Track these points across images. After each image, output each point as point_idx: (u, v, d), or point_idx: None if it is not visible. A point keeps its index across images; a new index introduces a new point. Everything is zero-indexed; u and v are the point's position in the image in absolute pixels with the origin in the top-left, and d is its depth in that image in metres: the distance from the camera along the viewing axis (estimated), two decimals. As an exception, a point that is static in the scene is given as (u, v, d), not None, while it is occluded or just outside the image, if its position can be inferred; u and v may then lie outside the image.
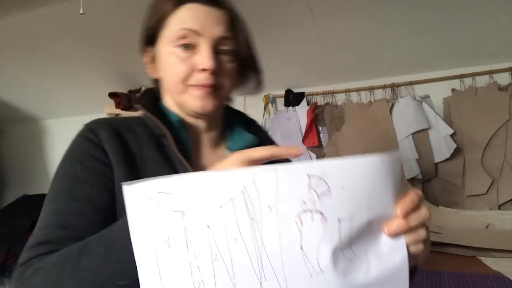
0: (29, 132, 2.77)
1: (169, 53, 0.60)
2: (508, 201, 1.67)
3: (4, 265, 2.01)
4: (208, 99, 0.60)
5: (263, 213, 0.40)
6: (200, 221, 0.40)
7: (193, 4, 0.59)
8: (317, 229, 0.41)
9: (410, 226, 0.43)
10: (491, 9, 1.58)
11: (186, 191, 0.40)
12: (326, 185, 0.40)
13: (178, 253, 0.40)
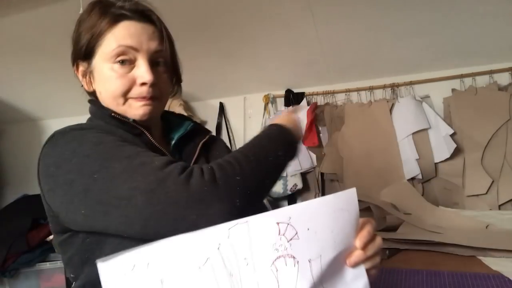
0: (29, 132, 2.77)
1: (107, 68, 0.63)
2: (508, 201, 1.67)
3: (4, 265, 2.01)
4: (148, 108, 0.64)
5: (240, 267, 0.42)
6: (180, 285, 0.41)
7: (128, 21, 0.63)
8: (291, 273, 0.43)
9: (368, 256, 0.49)
10: (491, 9, 1.58)
11: (163, 257, 0.41)
12: (294, 230, 0.43)
13: None
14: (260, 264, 0.42)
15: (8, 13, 1.74)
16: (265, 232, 0.43)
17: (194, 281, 0.41)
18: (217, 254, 0.41)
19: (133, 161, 0.51)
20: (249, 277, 0.42)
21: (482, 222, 1.50)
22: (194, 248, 0.41)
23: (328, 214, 0.45)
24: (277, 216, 0.43)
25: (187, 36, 1.85)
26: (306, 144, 2.09)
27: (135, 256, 0.41)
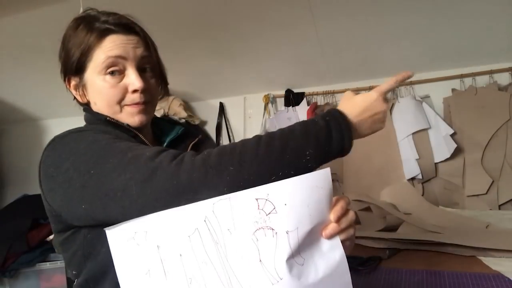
0: (29, 132, 2.77)
1: (100, 80, 0.67)
2: (508, 201, 1.67)
3: (4, 265, 2.01)
4: (142, 114, 0.69)
5: (224, 236, 0.48)
6: (173, 251, 0.47)
7: (114, 35, 0.67)
8: (270, 243, 0.48)
9: (342, 228, 0.53)
10: (491, 9, 1.58)
11: (159, 227, 0.47)
12: (272, 205, 0.48)
13: (158, 282, 0.47)
14: (242, 234, 0.48)
15: (8, 13, 1.74)
16: (245, 206, 0.48)
17: (185, 247, 0.47)
18: (204, 225, 0.47)
19: (127, 155, 0.54)
20: (232, 245, 0.48)
21: (482, 222, 1.50)
22: (184, 219, 0.47)
23: (304, 191, 0.50)
24: (256, 193, 0.48)
25: (187, 36, 1.85)
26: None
27: (135, 225, 0.47)
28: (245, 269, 0.48)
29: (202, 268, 0.47)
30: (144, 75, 0.69)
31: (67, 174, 0.57)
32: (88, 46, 0.67)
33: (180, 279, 0.47)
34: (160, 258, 0.47)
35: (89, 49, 0.67)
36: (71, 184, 0.56)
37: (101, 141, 0.58)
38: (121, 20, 0.70)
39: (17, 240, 2.06)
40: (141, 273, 0.47)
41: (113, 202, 0.51)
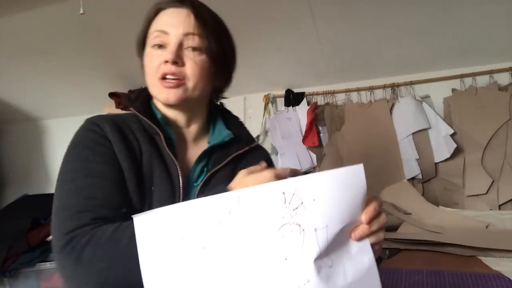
0: (29, 132, 2.77)
1: (148, 54, 0.70)
2: (508, 201, 1.67)
3: (4, 265, 2.01)
4: (172, 91, 0.67)
5: (250, 231, 0.45)
6: (197, 243, 0.46)
7: (167, 9, 0.69)
8: (297, 240, 0.45)
9: (373, 231, 0.50)
10: (491, 9, 1.58)
11: (183, 218, 0.46)
12: (299, 199, 0.45)
13: (180, 273, 0.45)
14: (267, 229, 0.45)
15: (8, 13, 1.73)
16: (271, 200, 0.45)
17: (209, 240, 0.45)
18: (228, 217, 0.45)
19: (59, 212, 0.58)
20: (257, 240, 0.45)
21: (482, 222, 1.50)
22: (209, 211, 0.46)
23: (335, 187, 0.46)
24: (283, 186, 0.46)
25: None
26: (306, 144, 2.09)
27: (161, 215, 0.46)
28: (269, 267, 0.45)
29: (225, 262, 0.45)
30: (186, 51, 0.67)
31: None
32: (147, 23, 0.71)
33: (202, 273, 0.45)
34: (183, 249, 0.45)
35: (147, 25, 0.71)
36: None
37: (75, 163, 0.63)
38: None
39: (17, 240, 2.05)
40: (164, 263, 0.45)
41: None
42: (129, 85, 2.30)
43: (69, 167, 0.62)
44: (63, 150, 0.64)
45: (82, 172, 0.61)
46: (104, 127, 0.66)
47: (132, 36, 0.77)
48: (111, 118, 0.69)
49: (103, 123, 0.66)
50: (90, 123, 0.67)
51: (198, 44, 0.67)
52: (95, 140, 0.64)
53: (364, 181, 0.47)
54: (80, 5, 1.41)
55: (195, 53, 0.68)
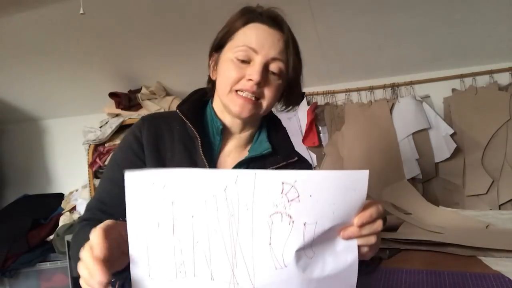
0: (29, 132, 2.77)
1: (228, 59, 0.71)
2: (508, 201, 1.67)
3: (4, 265, 2.01)
4: (247, 107, 0.70)
5: (240, 210, 0.47)
6: (187, 211, 0.47)
7: (258, 24, 0.71)
8: (285, 229, 0.47)
9: (362, 234, 0.51)
10: (491, 9, 1.58)
11: (177, 184, 0.46)
12: (296, 193, 0.46)
13: (165, 236, 0.46)
14: (258, 213, 0.47)
15: (8, 13, 1.74)
16: (269, 187, 0.46)
17: (199, 210, 0.47)
18: (223, 194, 0.46)
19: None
20: (246, 222, 0.47)
21: (482, 222, 1.50)
22: (204, 183, 0.46)
23: (334, 188, 0.47)
24: (283, 176, 0.46)
25: (188, 36, 1.85)
26: (306, 144, 2.09)
27: (155, 175, 0.46)
28: (253, 247, 0.47)
29: (210, 234, 0.47)
30: (268, 74, 0.70)
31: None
32: (234, 28, 0.72)
33: (187, 239, 0.47)
34: (172, 214, 0.47)
35: (234, 30, 0.72)
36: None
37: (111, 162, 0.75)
38: (271, 12, 0.73)
39: (17, 240, 2.06)
40: (151, 223, 0.46)
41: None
42: (129, 85, 2.30)
43: (109, 163, 0.75)
44: (63, 150, 0.65)
45: (109, 173, 0.73)
46: (143, 129, 0.73)
47: (132, 36, 0.77)
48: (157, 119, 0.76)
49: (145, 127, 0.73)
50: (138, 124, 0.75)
51: (280, 70, 0.71)
52: (130, 145, 0.72)
53: (365, 187, 0.48)
54: (80, 5, 1.41)
55: (274, 77, 0.71)
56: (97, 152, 2.12)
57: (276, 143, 0.79)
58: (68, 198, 2.40)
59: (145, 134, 0.72)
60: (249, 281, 0.48)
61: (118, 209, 0.62)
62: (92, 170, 2.12)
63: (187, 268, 0.47)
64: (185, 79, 2.13)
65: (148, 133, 0.72)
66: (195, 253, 0.47)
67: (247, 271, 0.48)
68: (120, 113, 2.22)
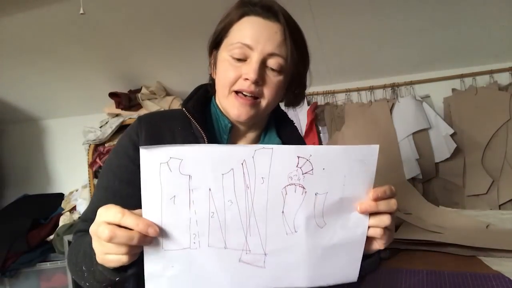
0: (29, 132, 2.77)
1: (224, 59, 0.67)
2: (508, 201, 1.67)
3: (4, 265, 2.01)
4: (245, 109, 0.66)
5: (257, 182, 0.49)
6: (204, 184, 0.48)
7: (253, 17, 0.65)
8: (297, 199, 0.51)
9: (378, 209, 0.53)
10: (491, 9, 1.58)
11: (195, 158, 0.48)
12: (311, 166, 0.50)
13: (181, 209, 0.48)
14: (273, 185, 0.50)
15: (8, 13, 1.74)
16: (285, 161, 0.49)
17: (216, 183, 0.48)
18: (240, 167, 0.49)
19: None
20: (261, 192, 0.50)
21: (482, 222, 1.50)
22: (223, 157, 0.48)
23: (346, 161, 0.51)
24: (299, 151, 0.50)
25: (188, 36, 1.85)
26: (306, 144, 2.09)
27: (172, 151, 0.47)
28: (266, 215, 0.50)
29: (226, 205, 0.49)
30: (266, 70, 0.66)
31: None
32: (228, 22, 0.67)
33: (203, 211, 0.48)
34: (190, 187, 0.48)
35: (229, 24, 0.67)
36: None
37: (105, 167, 0.70)
38: (267, 2, 0.66)
39: (17, 240, 2.06)
40: (166, 198, 0.47)
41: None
42: (129, 85, 2.30)
43: (103, 169, 0.70)
44: (63, 150, 0.65)
45: (104, 180, 0.68)
46: (141, 132, 0.67)
47: (132, 36, 0.76)
48: (155, 119, 0.70)
49: (143, 128, 0.68)
50: (134, 126, 0.69)
51: (279, 65, 0.65)
52: (126, 150, 0.67)
53: (375, 160, 0.52)
54: (80, 5, 1.41)
55: (274, 73, 0.66)
56: (97, 152, 2.12)
57: (286, 138, 0.77)
58: (68, 198, 2.40)
59: (142, 137, 0.67)
60: (261, 246, 0.51)
61: None
62: (92, 170, 2.12)
63: (201, 239, 0.49)
64: (185, 79, 2.12)
65: (146, 136, 0.67)
66: (210, 224, 0.49)
67: (260, 238, 0.51)
68: (120, 113, 2.22)
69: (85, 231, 0.65)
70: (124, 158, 0.66)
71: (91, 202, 0.68)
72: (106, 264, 0.48)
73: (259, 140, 0.77)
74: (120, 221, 0.46)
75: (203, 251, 0.49)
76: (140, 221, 0.46)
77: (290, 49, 0.66)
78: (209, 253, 0.50)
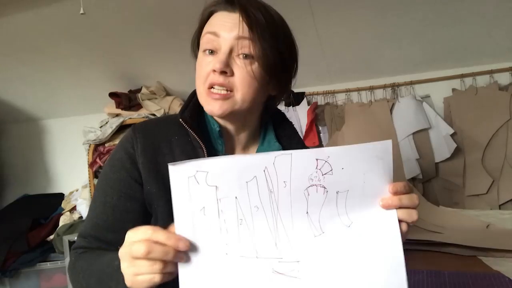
0: (29, 132, 2.77)
1: (199, 59, 0.66)
2: (508, 201, 1.67)
3: (4, 265, 2.01)
4: (217, 103, 0.63)
5: (279, 187, 0.51)
6: (230, 193, 0.50)
7: (219, 12, 0.65)
8: (319, 198, 0.52)
9: (402, 204, 0.53)
10: (491, 9, 1.58)
11: (220, 170, 0.50)
12: (330, 167, 0.51)
13: (211, 219, 0.50)
14: (296, 187, 0.51)
15: (8, 13, 1.74)
16: (305, 164, 0.51)
17: (242, 191, 0.50)
18: (263, 174, 0.51)
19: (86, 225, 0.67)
20: (285, 196, 0.51)
21: (482, 222, 1.50)
22: (246, 166, 0.50)
23: (363, 159, 0.52)
24: (317, 154, 0.51)
25: (188, 36, 1.84)
26: (306, 144, 2.08)
27: (198, 165, 0.49)
28: (292, 218, 0.52)
29: (253, 211, 0.51)
30: (237, 60, 0.62)
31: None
32: (200, 23, 0.67)
33: (231, 219, 0.50)
34: (217, 198, 0.50)
35: (201, 26, 0.67)
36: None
37: (102, 182, 0.67)
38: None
39: (17, 240, 2.06)
40: (196, 209, 0.50)
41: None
42: (129, 85, 2.30)
43: (99, 184, 0.68)
44: (63, 150, 0.65)
45: (101, 196, 0.66)
46: (137, 144, 0.65)
47: (132, 36, 0.76)
48: (151, 130, 0.67)
49: (138, 138, 0.65)
50: (129, 137, 0.67)
51: (250, 50, 0.61)
52: (123, 163, 0.65)
53: (390, 154, 0.53)
54: (80, 5, 1.41)
55: (246, 61, 0.61)
56: (97, 152, 2.12)
57: (285, 141, 0.75)
58: (68, 198, 2.40)
59: (139, 150, 0.64)
60: (292, 253, 0.52)
61: (116, 236, 0.60)
62: (92, 170, 2.12)
63: (233, 247, 0.51)
64: (185, 79, 2.12)
65: (143, 148, 0.64)
66: (240, 231, 0.51)
67: (289, 243, 0.52)
68: (120, 113, 2.22)
69: (84, 248, 0.65)
70: (121, 172, 0.65)
71: (89, 219, 0.66)
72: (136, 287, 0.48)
73: (255, 141, 0.75)
74: (151, 237, 0.46)
75: (235, 262, 0.50)
76: (170, 236, 0.47)
77: (264, 33, 0.62)
78: (241, 264, 0.51)
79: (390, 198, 0.53)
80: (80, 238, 0.66)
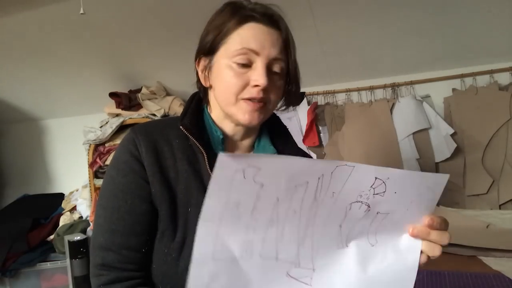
0: (29, 132, 2.77)
1: (226, 66, 0.65)
2: (508, 201, 1.67)
3: (4, 265, 2.01)
4: (255, 114, 0.65)
5: (326, 196, 0.49)
6: (274, 194, 0.48)
7: (254, 23, 0.65)
8: (358, 215, 0.51)
9: (430, 238, 0.53)
10: (491, 9, 1.57)
11: (274, 169, 0.47)
12: (384, 188, 0.50)
13: (242, 215, 0.48)
14: (342, 200, 0.50)
15: (8, 13, 1.73)
16: (362, 179, 0.49)
17: (287, 194, 0.48)
18: (316, 181, 0.48)
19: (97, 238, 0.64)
20: (327, 205, 0.50)
21: (482, 222, 1.50)
22: (302, 170, 0.48)
23: (416, 186, 0.50)
24: (378, 172, 0.49)
25: (188, 35, 1.84)
26: (306, 144, 2.09)
27: (251, 160, 0.46)
28: (324, 227, 0.51)
29: (289, 215, 0.49)
30: (271, 76, 0.65)
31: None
32: (226, 29, 0.65)
33: (263, 219, 0.48)
34: (257, 195, 0.47)
35: (227, 31, 0.65)
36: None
37: (109, 188, 0.65)
38: (267, 10, 0.67)
39: (17, 240, 2.06)
40: (231, 203, 0.47)
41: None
42: (129, 85, 2.30)
43: (105, 191, 0.66)
44: (63, 150, 0.64)
45: (112, 201, 0.64)
46: (140, 146, 0.65)
47: (132, 36, 0.76)
48: (151, 133, 0.67)
49: (141, 142, 0.65)
50: (130, 140, 0.66)
51: (282, 70, 0.67)
52: (129, 165, 0.64)
53: (441, 190, 0.51)
54: (80, 5, 1.41)
55: (276, 77, 0.67)
56: (97, 152, 2.12)
57: (280, 145, 0.76)
58: (68, 198, 2.40)
59: (143, 152, 0.64)
60: (311, 260, 0.51)
61: (138, 239, 0.63)
62: (92, 170, 2.12)
63: (255, 247, 0.49)
64: (185, 79, 2.11)
65: (147, 151, 0.64)
66: (267, 232, 0.49)
67: (311, 250, 0.51)
68: (121, 113, 2.22)
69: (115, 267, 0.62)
70: (130, 175, 0.64)
71: (104, 228, 0.63)
72: None
73: (253, 149, 0.76)
74: None
75: (253, 261, 0.49)
76: None
77: (292, 55, 0.68)
78: (259, 263, 0.49)
79: (421, 228, 0.52)
80: (104, 252, 0.62)
